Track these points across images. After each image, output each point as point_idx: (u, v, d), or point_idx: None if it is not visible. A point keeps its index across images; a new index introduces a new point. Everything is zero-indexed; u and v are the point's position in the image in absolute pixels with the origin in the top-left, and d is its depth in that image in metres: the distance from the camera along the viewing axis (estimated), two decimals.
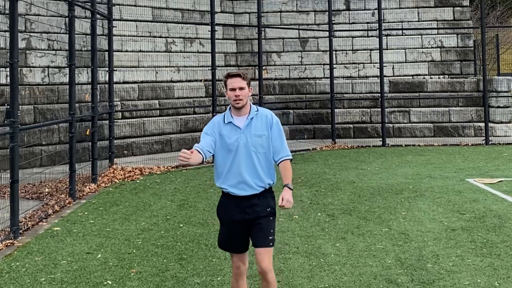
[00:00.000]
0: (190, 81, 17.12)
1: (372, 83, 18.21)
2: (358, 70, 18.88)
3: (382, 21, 17.32)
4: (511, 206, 8.48)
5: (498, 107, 17.50)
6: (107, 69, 13.24)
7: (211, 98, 14.81)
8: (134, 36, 16.06)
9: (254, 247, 4.27)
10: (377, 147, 16.12)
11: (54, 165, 12.14)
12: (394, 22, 18.66)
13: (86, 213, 8.61)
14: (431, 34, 18.81)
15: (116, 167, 12.46)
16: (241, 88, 4.26)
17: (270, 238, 4.26)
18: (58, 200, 9.25)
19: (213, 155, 4.32)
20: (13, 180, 7.38)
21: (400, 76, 18.55)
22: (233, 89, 4.26)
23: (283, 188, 4.32)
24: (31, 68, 13.85)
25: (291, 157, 4.43)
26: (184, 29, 17.24)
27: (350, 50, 18.95)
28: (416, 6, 18.93)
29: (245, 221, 4.27)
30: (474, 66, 19.38)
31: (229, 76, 4.31)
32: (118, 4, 15.45)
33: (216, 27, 14.93)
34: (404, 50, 18.77)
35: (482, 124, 16.82)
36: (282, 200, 4.25)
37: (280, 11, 19.10)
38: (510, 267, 5.81)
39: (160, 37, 16.73)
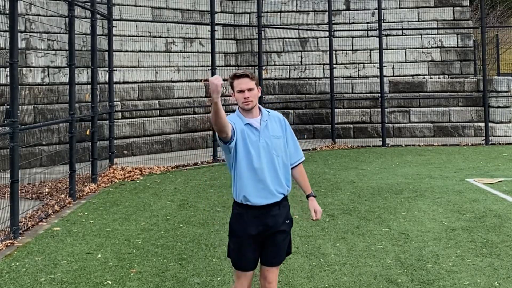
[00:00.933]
0: (190, 81, 17.12)
1: (372, 83, 18.21)
2: (358, 70, 18.88)
3: (382, 21, 17.32)
4: (511, 206, 8.48)
5: (498, 107, 17.50)
6: (107, 69, 13.24)
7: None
8: (134, 36, 16.07)
9: (264, 265, 3.99)
10: (377, 147, 16.12)
11: (54, 165, 12.14)
12: (394, 22, 18.67)
13: (86, 213, 8.61)
14: (431, 34, 18.81)
15: (116, 167, 12.46)
16: (250, 89, 3.92)
17: (283, 255, 4.04)
18: (58, 200, 9.25)
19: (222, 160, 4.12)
20: (13, 180, 7.38)
21: (400, 76, 18.55)
22: (241, 91, 3.91)
23: (308, 198, 4.11)
24: (31, 68, 13.86)
25: (304, 158, 4.23)
26: (184, 29, 17.24)
27: (350, 50, 18.95)
28: (416, 6, 18.94)
29: (261, 236, 3.96)
30: (474, 66, 19.37)
31: (236, 77, 3.95)
32: (118, 4, 15.46)
33: (216, 27, 14.93)
34: (404, 50, 18.77)
35: (482, 124, 16.82)
36: (315, 212, 4.06)
37: (280, 11, 19.10)
38: (510, 267, 5.81)
39: (160, 37, 16.73)
